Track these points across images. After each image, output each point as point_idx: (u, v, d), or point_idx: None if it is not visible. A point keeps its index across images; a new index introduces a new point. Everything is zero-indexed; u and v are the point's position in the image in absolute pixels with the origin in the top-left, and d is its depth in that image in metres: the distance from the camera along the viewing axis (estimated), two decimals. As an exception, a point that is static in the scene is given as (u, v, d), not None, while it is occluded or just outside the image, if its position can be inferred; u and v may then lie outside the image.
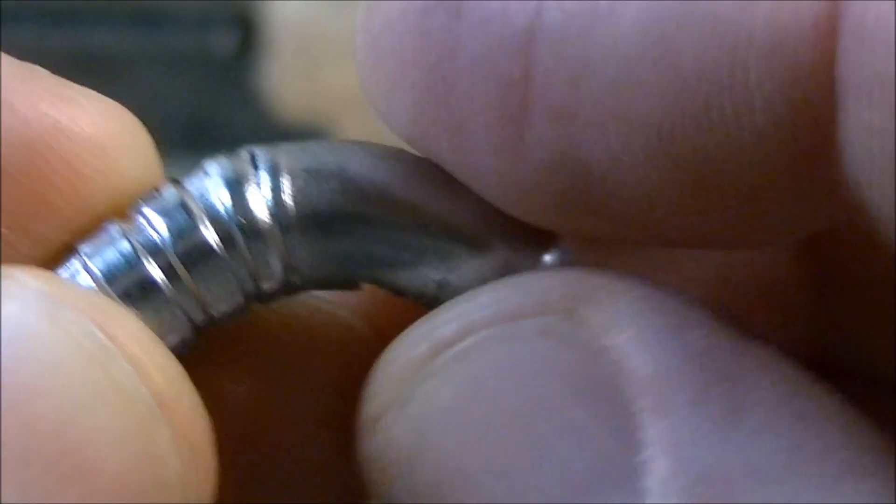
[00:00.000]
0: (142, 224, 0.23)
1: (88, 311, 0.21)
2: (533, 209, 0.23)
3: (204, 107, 0.94)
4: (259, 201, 0.23)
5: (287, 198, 0.23)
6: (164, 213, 0.23)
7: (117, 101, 0.25)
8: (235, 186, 0.23)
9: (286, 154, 0.24)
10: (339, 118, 0.88)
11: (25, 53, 0.25)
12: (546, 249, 0.24)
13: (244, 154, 0.23)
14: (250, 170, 0.23)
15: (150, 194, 0.23)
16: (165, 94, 0.94)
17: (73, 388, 0.20)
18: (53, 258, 0.23)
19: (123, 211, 0.23)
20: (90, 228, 0.23)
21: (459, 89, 0.22)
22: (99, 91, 0.25)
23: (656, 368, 0.21)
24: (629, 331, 0.21)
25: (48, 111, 0.23)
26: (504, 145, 0.22)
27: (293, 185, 0.23)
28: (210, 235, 0.23)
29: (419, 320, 0.23)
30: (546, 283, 0.22)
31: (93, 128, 0.23)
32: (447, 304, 0.23)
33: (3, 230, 0.22)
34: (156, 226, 0.23)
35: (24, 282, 0.21)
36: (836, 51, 0.20)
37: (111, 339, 0.21)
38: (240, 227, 0.23)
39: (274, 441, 0.25)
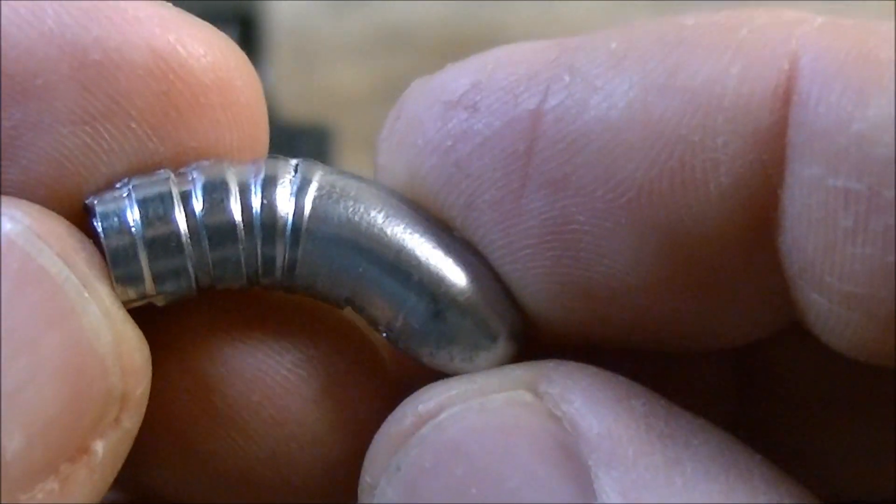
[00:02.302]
0: (189, 183, 0.26)
1: (27, 221, 0.24)
2: (528, 285, 0.26)
3: (204, 106, 0.94)
4: (284, 204, 0.26)
5: (306, 210, 0.26)
6: (208, 183, 0.26)
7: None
8: (270, 185, 0.26)
9: (324, 174, 0.26)
10: (339, 117, 0.89)
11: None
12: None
13: (291, 161, 0.26)
14: (288, 176, 0.26)
15: (203, 163, 0.26)
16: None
17: (9, 277, 0.24)
18: (174, 160, 0.26)
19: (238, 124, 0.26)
20: (211, 135, 0.26)
21: (468, 170, 0.26)
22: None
23: (604, 429, 0.24)
24: (580, 399, 0.25)
25: (171, 29, 0.26)
26: (503, 219, 0.26)
27: (316, 202, 0.26)
28: (236, 216, 0.25)
29: (404, 401, 0.26)
30: (509, 368, 0.26)
31: (207, 46, 0.26)
32: (426, 387, 0.26)
33: (136, 127, 0.25)
34: (196, 192, 0.25)
35: None
36: (789, 116, 0.24)
37: (43, 239, 0.24)
38: (261, 219, 0.25)
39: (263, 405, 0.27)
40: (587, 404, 0.25)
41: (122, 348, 0.24)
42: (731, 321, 0.26)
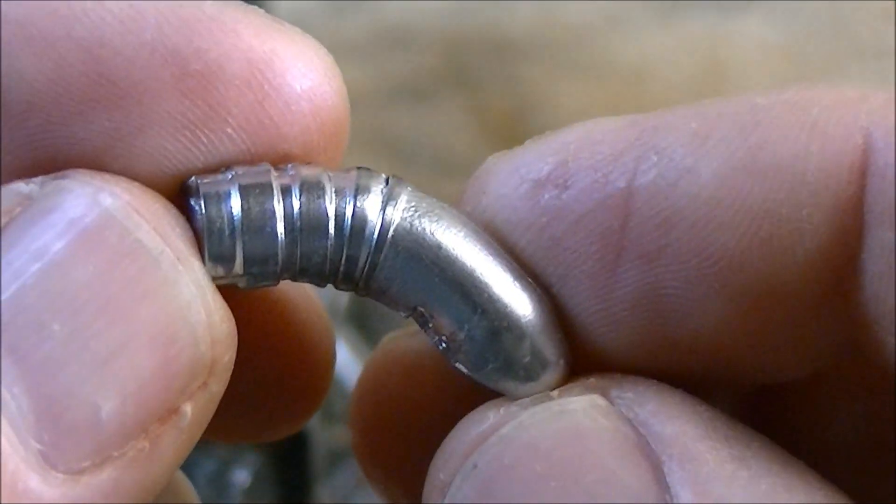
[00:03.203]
0: (288, 178, 0.27)
1: (126, 197, 0.26)
2: (619, 343, 0.28)
3: (204, 106, 0.94)
4: (373, 212, 0.27)
5: (394, 220, 0.28)
6: (306, 181, 0.27)
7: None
8: (362, 193, 0.28)
9: (412, 191, 0.28)
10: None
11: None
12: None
13: (381, 175, 0.28)
14: (379, 187, 0.28)
15: (301, 165, 0.28)
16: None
17: (107, 249, 0.25)
18: (264, 159, 0.28)
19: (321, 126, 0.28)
20: (300, 139, 0.28)
21: (564, 245, 0.28)
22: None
23: (676, 429, 0.26)
24: (651, 404, 0.27)
25: (266, 40, 0.27)
26: (599, 288, 0.27)
27: (404, 214, 0.28)
28: (330, 215, 0.27)
29: (484, 404, 0.28)
30: (583, 378, 0.28)
31: (299, 56, 0.28)
32: (505, 397, 0.28)
33: (230, 129, 0.27)
34: (294, 187, 0.27)
35: (83, 179, 0.26)
36: (866, 186, 0.26)
37: (141, 214, 0.26)
38: (351, 222, 0.27)
39: None
40: (660, 408, 0.27)
41: (213, 318, 0.26)
42: (791, 360, 0.29)
